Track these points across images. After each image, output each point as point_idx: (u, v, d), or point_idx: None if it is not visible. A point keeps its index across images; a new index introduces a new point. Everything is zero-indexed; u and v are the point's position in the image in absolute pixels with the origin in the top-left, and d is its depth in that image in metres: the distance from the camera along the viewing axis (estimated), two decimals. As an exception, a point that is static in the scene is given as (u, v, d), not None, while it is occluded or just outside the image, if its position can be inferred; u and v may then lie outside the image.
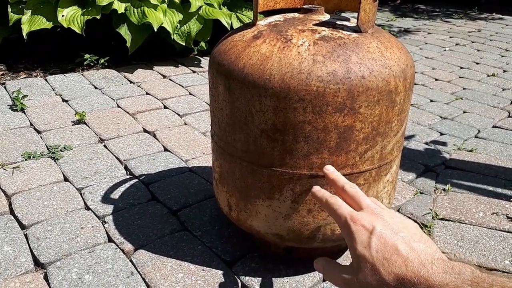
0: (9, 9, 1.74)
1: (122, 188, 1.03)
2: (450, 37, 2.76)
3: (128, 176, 1.09)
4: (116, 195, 1.01)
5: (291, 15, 0.73)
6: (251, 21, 0.72)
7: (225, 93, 0.68)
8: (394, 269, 0.45)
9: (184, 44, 1.89)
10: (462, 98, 1.72)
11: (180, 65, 1.97)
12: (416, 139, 1.36)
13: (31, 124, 1.35)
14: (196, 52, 2.15)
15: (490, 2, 3.91)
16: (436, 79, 1.95)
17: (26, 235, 0.87)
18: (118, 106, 1.50)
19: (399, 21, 3.25)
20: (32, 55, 1.96)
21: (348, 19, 0.73)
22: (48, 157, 1.15)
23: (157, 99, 1.57)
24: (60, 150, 1.19)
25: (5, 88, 1.62)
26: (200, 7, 1.87)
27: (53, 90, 1.62)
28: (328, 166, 0.64)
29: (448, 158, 1.24)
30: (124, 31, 1.79)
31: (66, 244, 0.84)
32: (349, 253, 0.51)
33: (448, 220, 0.96)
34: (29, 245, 0.84)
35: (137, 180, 1.07)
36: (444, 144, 1.33)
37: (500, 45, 2.60)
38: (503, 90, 1.83)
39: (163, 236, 0.88)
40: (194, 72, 1.89)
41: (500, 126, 1.48)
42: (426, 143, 1.33)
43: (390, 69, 0.64)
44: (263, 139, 0.66)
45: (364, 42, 0.65)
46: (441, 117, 1.53)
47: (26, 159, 1.14)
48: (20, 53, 1.97)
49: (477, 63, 2.21)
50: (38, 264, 0.80)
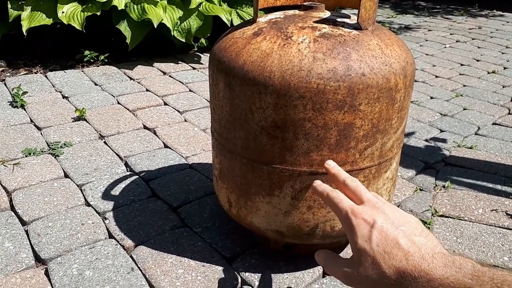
0: (9, 5, 1.74)
1: (123, 185, 1.03)
2: (451, 34, 2.75)
3: (129, 173, 1.09)
4: (117, 192, 1.01)
5: (292, 12, 0.73)
6: (252, 18, 0.72)
7: (225, 90, 0.68)
8: (395, 263, 0.45)
9: (184, 41, 1.89)
10: (462, 95, 1.72)
11: (180, 62, 1.97)
12: (416, 136, 1.36)
13: (31, 121, 1.35)
14: (196, 49, 2.15)
15: (491, -1, 3.91)
16: (437, 76, 1.95)
17: (27, 231, 0.87)
18: (118, 103, 1.50)
19: (400, 18, 3.25)
20: (32, 52, 1.96)
21: (349, 16, 0.73)
22: (49, 154, 1.16)
23: (157, 96, 1.57)
24: (61, 147, 1.19)
25: (5, 85, 1.62)
26: (200, 4, 1.87)
27: (53, 87, 1.62)
28: (329, 161, 0.64)
29: (448, 155, 1.24)
30: (124, 28, 1.79)
31: (67, 240, 0.85)
32: (349, 250, 0.52)
33: (448, 217, 0.97)
34: (30, 241, 0.84)
35: (137, 177, 1.07)
36: (444, 141, 1.33)
37: (501, 42, 2.59)
38: (503, 87, 1.83)
39: (164, 233, 0.88)
40: (194, 69, 1.89)
41: (500, 123, 1.48)
42: (426, 140, 1.33)
43: (391, 67, 0.64)
44: (263, 136, 0.67)
45: (365, 40, 0.65)
46: (441, 114, 1.53)
47: (27, 156, 1.14)
48: (20, 50, 1.96)
49: (478, 60, 2.21)
50: (39, 260, 0.81)
